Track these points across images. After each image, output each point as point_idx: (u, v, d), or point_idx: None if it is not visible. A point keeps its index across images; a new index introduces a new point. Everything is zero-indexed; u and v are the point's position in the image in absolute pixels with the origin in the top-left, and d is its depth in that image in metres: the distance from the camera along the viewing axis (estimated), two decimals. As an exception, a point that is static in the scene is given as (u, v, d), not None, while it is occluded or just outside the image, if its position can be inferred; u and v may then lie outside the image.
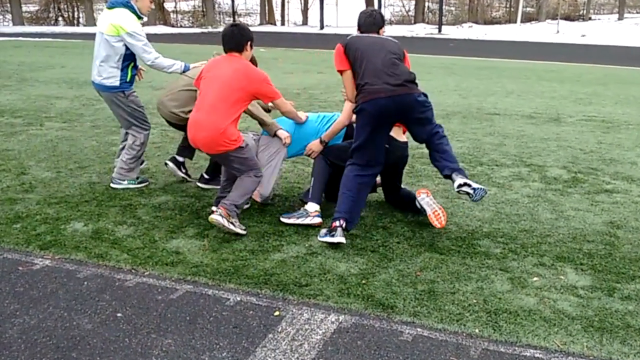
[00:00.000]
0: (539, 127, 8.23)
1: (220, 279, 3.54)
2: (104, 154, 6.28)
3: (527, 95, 11.19)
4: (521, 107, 9.83)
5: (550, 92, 11.60)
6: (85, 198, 4.86)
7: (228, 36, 4.15)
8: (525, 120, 8.75)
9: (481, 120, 8.59)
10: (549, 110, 9.57)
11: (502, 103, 10.12)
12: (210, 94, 4.03)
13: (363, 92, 4.00)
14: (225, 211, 4.02)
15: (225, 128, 3.96)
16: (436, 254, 3.97)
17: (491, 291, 3.49)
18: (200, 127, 4.04)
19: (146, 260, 3.77)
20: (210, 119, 3.98)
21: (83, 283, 3.46)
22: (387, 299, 3.36)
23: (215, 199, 4.52)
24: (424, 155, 6.34)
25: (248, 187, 4.15)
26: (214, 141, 4.01)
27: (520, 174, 5.91)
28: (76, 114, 8.46)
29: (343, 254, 3.93)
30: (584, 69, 15.97)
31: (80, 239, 4.05)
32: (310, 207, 4.43)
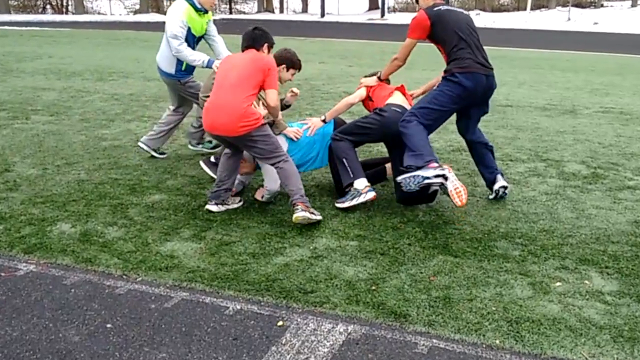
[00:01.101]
0: (554, 120, 8.09)
1: (218, 286, 3.41)
2: (93, 149, 6.14)
3: (540, 85, 11.04)
4: (534, 98, 9.69)
5: (564, 83, 11.46)
6: (73, 197, 4.73)
7: (248, 35, 4.39)
8: (539, 112, 8.61)
9: (493, 112, 8.39)
10: (563, 102, 9.43)
11: (514, 94, 9.98)
12: (230, 78, 4.17)
13: (463, 63, 4.40)
14: (303, 205, 4.15)
15: (245, 108, 4.08)
16: (450, 257, 3.84)
17: (511, 298, 3.36)
18: (220, 109, 4.12)
19: (138, 265, 3.63)
20: (230, 101, 4.09)
21: (70, 290, 3.33)
22: (399, 306, 3.24)
23: (212, 192, 4.39)
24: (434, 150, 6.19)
25: (292, 172, 4.23)
26: (236, 122, 4.07)
27: (536, 169, 5.78)
28: (64, 106, 8.32)
29: (350, 258, 3.80)
30: (598, 58, 15.82)
31: (68, 242, 3.92)
32: (359, 184, 4.51)
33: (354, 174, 4.57)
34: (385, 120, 4.61)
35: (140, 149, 5.78)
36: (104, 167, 5.51)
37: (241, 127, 4.09)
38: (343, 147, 4.66)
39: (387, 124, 4.61)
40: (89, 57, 14.17)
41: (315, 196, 4.86)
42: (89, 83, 10.38)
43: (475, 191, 5.08)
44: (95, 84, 10.27)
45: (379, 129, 4.67)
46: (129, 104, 8.64)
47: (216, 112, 4.15)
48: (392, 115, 4.61)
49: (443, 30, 4.52)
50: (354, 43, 19.84)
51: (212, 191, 4.40)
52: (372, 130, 4.68)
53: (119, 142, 6.43)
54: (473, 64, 4.45)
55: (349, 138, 4.68)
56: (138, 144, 5.81)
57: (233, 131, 4.12)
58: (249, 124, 4.10)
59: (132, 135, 6.73)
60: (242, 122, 4.07)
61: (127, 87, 10.06)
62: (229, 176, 4.40)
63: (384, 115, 4.64)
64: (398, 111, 4.65)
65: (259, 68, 4.19)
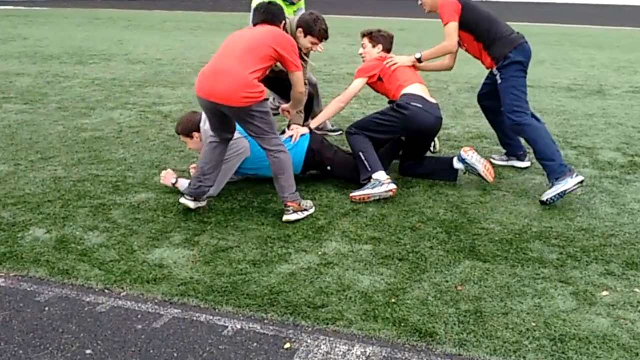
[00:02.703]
0: (581, 102, 7.84)
1: (215, 300, 3.16)
2: (72, 141, 5.88)
3: (562, 64, 10.79)
4: (557, 78, 9.44)
5: (588, 61, 11.20)
6: (49, 197, 4.47)
7: (265, 9, 4.20)
8: (564, 93, 8.36)
9: (513, 94, 8.17)
10: (589, 82, 9.18)
11: (534, 73, 9.69)
12: (237, 46, 4.01)
13: (508, 40, 4.67)
14: (295, 203, 4.05)
15: (252, 79, 3.88)
16: (479, 262, 3.59)
17: (552, 310, 3.11)
18: (221, 75, 3.90)
19: (122, 276, 3.38)
20: (235, 67, 3.90)
21: (44, 309, 3.08)
22: (424, 323, 2.99)
23: (193, 188, 4.13)
24: (451, 137, 5.95)
25: (287, 164, 4.08)
26: (238, 91, 3.85)
27: (567, 158, 5.52)
28: (40, 93, 8.07)
29: (365, 265, 3.55)
30: (623, 33, 15.54)
31: (42, 251, 3.67)
32: (380, 175, 4.46)
33: (372, 167, 4.52)
34: (407, 119, 4.55)
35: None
36: (84, 162, 5.25)
37: (244, 98, 3.85)
38: (359, 141, 4.60)
39: (408, 123, 4.57)
40: (67, 38, 13.87)
41: (322, 193, 4.61)
42: (68, 67, 10.12)
43: (501, 184, 4.84)
44: (74, 68, 10.02)
45: (398, 128, 4.62)
46: (112, 90, 8.39)
47: (217, 77, 3.90)
48: (414, 113, 4.55)
49: (472, 12, 4.73)
50: (356, 20, 19.52)
51: (194, 187, 4.13)
52: (392, 129, 4.63)
53: (101, 133, 6.18)
54: (516, 37, 4.74)
55: (365, 133, 4.60)
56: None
57: (234, 100, 3.86)
58: (253, 96, 3.87)
59: (115, 125, 6.48)
60: (245, 92, 3.85)
61: (109, 71, 9.81)
62: (213, 169, 4.16)
63: (404, 114, 4.54)
64: (419, 107, 4.57)
65: (277, 43, 4.01)
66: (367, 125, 4.64)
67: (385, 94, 4.97)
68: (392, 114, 4.60)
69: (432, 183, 4.82)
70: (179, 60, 10.93)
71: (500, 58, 4.65)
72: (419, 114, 4.55)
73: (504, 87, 4.68)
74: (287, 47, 4.06)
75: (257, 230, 3.98)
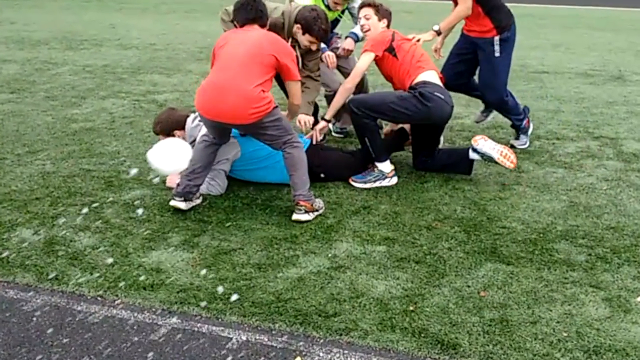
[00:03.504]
0: (600, 88, 7.68)
1: (217, 309, 3.01)
2: (61, 133, 5.72)
3: (577, 48, 10.62)
4: (573, 63, 9.27)
5: (605, 44, 11.03)
6: (36, 194, 4.32)
7: (251, 6, 4.01)
8: (581, 79, 8.20)
9: (528, 81, 8.05)
10: (607, 67, 9.02)
11: (549, 58, 9.56)
12: (239, 55, 3.85)
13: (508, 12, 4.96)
14: (307, 203, 3.93)
15: (258, 92, 3.79)
16: (502, 265, 3.45)
17: (584, 318, 2.97)
18: (226, 92, 3.77)
19: (116, 282, 3.23)
20: (239, 82, 3.78)
21: (31, 319, 2.94)
22: (445, 333, 2.85)
23: (182, 189, 3.98)
24: (465, 127, 5.79)
25: (300, 160, 3.98)
26: (247, 107, 3.75)
27: (589, 149, 5.38)
28: (27, 81, 7.89)
29: (379, 268, 3.40)
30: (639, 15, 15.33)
31: (29, 254, 3.52)
32: (385, 167, 4.49)
33: (377, 155, 4.49)
34: (430, 111, 4.39)
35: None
36: (74, 156, 5.09)
37: (252, 114, 3.76)
38: (366, 126, 4.45)
39: (429, 115, 4.42)
40: (56, 22, 13.65)
41: (330, 188, 4.46)
42: (57, 53, 9.93)
43: (520, 178, 4.69)
44: (63, 54, 9.84)
45: (416, 118, 4.46)
46: (103, 77, 8.22)
47: (221, 96, 3.78)
48: (438, 105, 4.40)
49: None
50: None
51: (182, 187, 3.99)
52: (408, 118, 4.48)
53: (92, 124, 6.01)
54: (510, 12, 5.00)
55: (375, 115, 4.43)
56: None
57: (242, 118, 3.77)
58: (261, 109, 3.78)
59: (107, 115, 6.32)
60: (253, 107, 3.75)
61: (100, 57, 9.63)
62: (203, 168, 4.02)
63: (428, 106, 4.36)
64: (442, 98, 4.42)
65: (277, 51, 3.89)
66: (380, 108, 4.41)
67: (394, 74, 4.61)
68: (414, 103, 4.34)
69: (447, 177, 4.67)
70: (174, 44, 10.73)
71: (507, 27, 4.88)
72: (442, 106, 4.40)
73: (499, 62, 4.92)
74: (287, 54, 3.96)
75: (262, 230, 3.83)
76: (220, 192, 4.30)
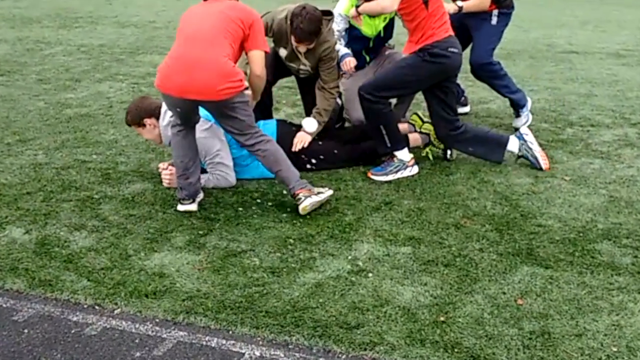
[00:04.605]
0: (635, 70, 7.50)
1: (227, 320, 2.85)
2: (54, 120, 5.57)
3: (607, 25, 10.41)
4: (604, 42, 9.08)
5: (636, 22, 10.82)
6: (28, 188, 4.17)
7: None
8: (613, 60, 8.01)
9: (556, 62, 7.86)
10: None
11: (577, 37, 9.37)
12: (206, 27, 3.70)
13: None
14: (305, 190, 3.80)
15: (231, 66, 3.64)
16: (540, 268, 3.28)
17: (635, 331, 2.81)
18: (196, 66, 3.57)
19: (116, 289, 3.08)
20: (210, 54, 3.60)
21: (22, 330, 2.79)
22: (481, 347, 2.69)
23: (181, 191, 3.85)
24: (491, 113, 5.59)
25: (278, 153, 3.85)
26: (219, 82, 3.56)
27: (627, 137, 5.21)
28: (18, 62, 7.77)
29: (405, 272, 3.24)
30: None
31: (20, 256, 3.37)
32: (404, 155, 4.37)
33: (393, 144, 4.37)
34: (443, 67, 4.26)
35: None
36: (68, 145, 4.94)
37: (224, 90, 3.57)
38: (381, 112, 4.30)
39: (446, 69, 4.29)
40: (49, -2, 13.49)
41: (347, 182, 4.29)
42: (50, 32, 9.80)
43: (555, 170, 4.52)
44: (57, 33, 9.71)
45: (432, 78, 4.27)
46: (99, 57, 8.10)
47: (191, 70, 3.57)
48: (453, 61, 4.26)
49: None
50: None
51: (185, 190, 3.83)
52: (423, 82, 4.31)
53: (87, 110, 5.88)
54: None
55: (388, 95, 4.36)
56: None
57: (212, 94, 3.57)
58: (234, 86, 3.61)
59: (104, 100, 6.18)
60: (226, 82, 3.57)
61: (96, 36, 9.49)
62: (193, 160, 3.85)
63: (442, 62, 4.20)
64: (457, 52, 4.27)
65: (241, 19, 3.73)
66: (392, 84, 4.29)
67: (418, 25, 4.21)
68: (424, 66, 4.18)
69: (475, 169, 4.49)
70: (175, 22, 10.53)
71: (508, 6, 5.07)
72: (454, 59, 4.26)
73: (492, 29, 5.06)
74: (255, 17, 3.80)
75: (274, 228, 3.67)
76: (230, 182, 4.17)
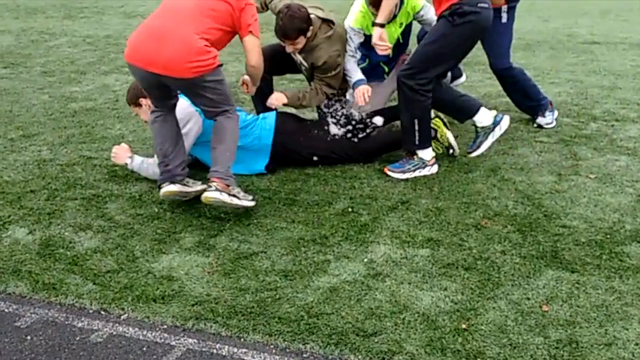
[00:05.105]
0: (660, 61, 7.34)
1: (238, 326, 2.79)
2: (59, 114, 5.53)
3: (629, 14, 10.28)
4: (627, 32, 8.95)
5: (660, 10, 10.65)
6: (31, 186, 4.12)
7: None
8: (637, 50, 7.93)
9: (577, 53, 7.74)
10: (666, 36, 8.68)
11: (599, 27, 9.25)
12: (186, 2, 3.62)
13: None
14: (221, 182, 3.56)
15: (202, 45, 3.51)
16: (565, 272, 3.19)
17: (668, 340, 2.71)
18: (165, 37, 3.49)
19: (122, 293, 3.02)
20: (182, 29, 3.51)
21: (25, 337, 2.74)
22: (505, 357, 2.62)
23: (161, 174, 3.78)
24: (511, 107, 5.47)
25: (231, 132, 3.71)
26: (186, 58, 3.45)
27: (655, 134, 5.09)
28: (22, 54, 7.74)
29: (423, 276, 3.16)
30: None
31: (23, 258, 3.32)
32: (426, 154, 4.28)
33: (421, 142, 4.24)
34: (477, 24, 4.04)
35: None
36: (73, 141, 4.89)
37: (192, 68, 3.47)
38: (420, 104, 4.15)
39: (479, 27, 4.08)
40: (54, -12, 13.45)
41: (362, 179, 4.21)
42: (54, 22, 9.77)
43: (579, 167, 4.42)
44: (62, 24, 9.68)
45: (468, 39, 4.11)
46: (105, 49, 8.07)
47: (159, 41, 3.49)
48: (484, 17, 4.05)
49: None
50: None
51: (164, 172, 3.77)
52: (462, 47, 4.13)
53: (93, 104, 5.84)
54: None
55: (427, 76, 4.07)
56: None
57: (179, 70, 3.47)
58: (204, 64, 3.50)
59: (110, 94, 6.13)
60: (194, 60, 3.47)
61: (102, 27, 9.45)
62: (174, 145, 3.78)
63: (472, 20, 3.98)
64: (487, 8, 4.06)
65: (231, 2, 3.63)
66: (428, 63, 4.07)
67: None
68: (455, 31, 3.99)
69: (495, 166, 4.40)
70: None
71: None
72: (487, 16, 4.07)
73: (503, 27, 4.87)
74: (243, 3, 3.67)
75: (286, 229, 3.60)
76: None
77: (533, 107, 5.17)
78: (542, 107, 5.11)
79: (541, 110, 5.11)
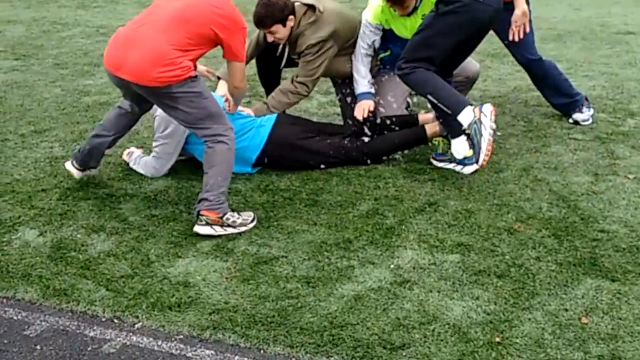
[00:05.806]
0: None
1: (259, 337, 2.72)
2: (72, 108, 5.48)
3: None
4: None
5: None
6: (43, 184, 4.07)
7: None
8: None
9: (611, 44, 7.57)
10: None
11: (634, 16, 9.09)
12: (168, 10, 3.52)
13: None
14: (212, 213, 3.45)
15: (173, 57, 3.39)
16: (605, 281, 3.09)
17: None
18: (133, 43, 3.46)
19: (137, 299, 2.96)
20: (153, 36, 3.44)
21: (34, 347, 2.69)
22: (543, 374, 2.50)
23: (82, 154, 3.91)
24: (542, 102, 5.34)
25: (222, 159, 3.55)
26: (152, 67, 3.37)
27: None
28: (34, 45, 7.70)
29: (453, 283, 3.07)
30: None
31: (33, 261, 3.26)
32: (465, 116, 3.97)
33: (454, 107, 4.02)
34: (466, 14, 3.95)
35: None
36: (86, 137, 4.78)
37: (158, 77, 3.37)
38: (422, 79, 4.09)
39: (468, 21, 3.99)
40: (67, -24, 13.45)
41: (387, 179, 4.12)
42: (67, 12, 9.74)
43: (617, 166, 4.29)
44: (75, 13, 9.65)
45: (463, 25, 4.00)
46: (119, 40, 7.93)
47: (128, 46, 3.46)
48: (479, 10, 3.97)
49: None
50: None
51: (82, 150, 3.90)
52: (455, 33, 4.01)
53: (107, 98, 5.78)
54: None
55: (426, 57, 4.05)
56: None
57: (145, 78, 3.40)
58: (171, 74, 3.38)
59: (124, 87, 6.02)
60: (161, 67, 3.37)
61: (116, 16, 9.40)
62: (111, 135, 3.88)
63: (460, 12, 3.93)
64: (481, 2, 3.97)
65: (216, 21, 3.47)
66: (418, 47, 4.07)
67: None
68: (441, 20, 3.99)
69: (527, 166, 4.29)
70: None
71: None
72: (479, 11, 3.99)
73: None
74: (237, 27, 3.54)
75: (308, 232, 3.51)
76: (152, 173, 4.15)
77: (566, 105, 5.04)
78: (577, 102, 4.99)
79: (578, 106, 4.98)
